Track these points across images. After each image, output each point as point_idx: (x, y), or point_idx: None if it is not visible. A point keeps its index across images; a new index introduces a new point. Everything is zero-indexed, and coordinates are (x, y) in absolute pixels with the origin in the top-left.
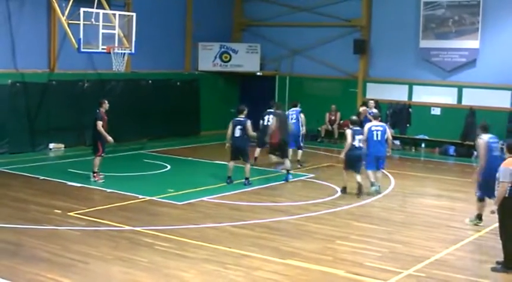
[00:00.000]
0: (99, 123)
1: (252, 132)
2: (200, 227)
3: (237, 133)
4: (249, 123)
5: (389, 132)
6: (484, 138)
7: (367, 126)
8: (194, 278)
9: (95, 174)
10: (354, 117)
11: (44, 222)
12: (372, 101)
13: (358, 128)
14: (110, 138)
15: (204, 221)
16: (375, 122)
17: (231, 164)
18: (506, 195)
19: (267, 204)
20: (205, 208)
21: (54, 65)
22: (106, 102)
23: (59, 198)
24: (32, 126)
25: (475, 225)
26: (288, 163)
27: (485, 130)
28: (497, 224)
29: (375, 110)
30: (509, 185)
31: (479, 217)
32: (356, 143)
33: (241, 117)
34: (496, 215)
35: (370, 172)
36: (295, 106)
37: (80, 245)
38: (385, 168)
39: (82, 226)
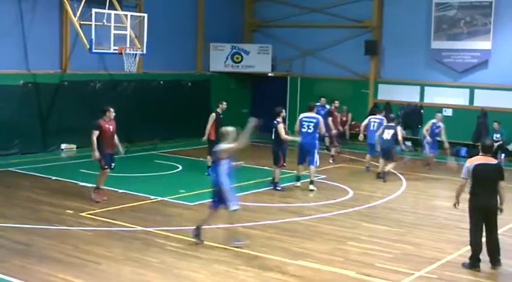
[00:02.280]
0: (94, 133)
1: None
2: (211, 228)
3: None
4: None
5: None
6: None
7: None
8: (205, 279)
9: (97, 191)
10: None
11: (56, 222)
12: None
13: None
14: (96, 154)
15: (215, 221)
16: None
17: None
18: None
19: (278, 205)
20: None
21: (66, 66)
22: (111, 110)
23: (71, 199)
24: (43, 127)
25: None
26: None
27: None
28: (508, 226)
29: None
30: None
31: None
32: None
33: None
34: (502, 216)
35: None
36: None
37: (91, 246)
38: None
39: (94, 226)
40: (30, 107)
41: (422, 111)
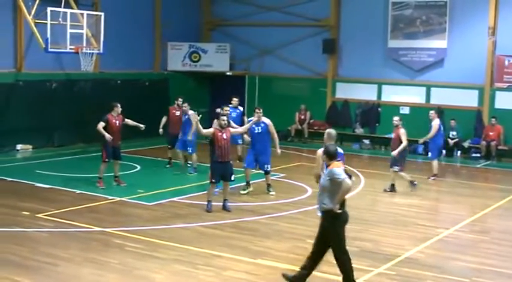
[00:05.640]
0: (100, 124)
1: None
2: (170, 228)
3: None
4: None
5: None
6: None
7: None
8: (165, 279)
9: (99, 180)
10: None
11: (12, 224)
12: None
13: None
14: (107, 136)
15: (175, 221)
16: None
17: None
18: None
19: (237, 204)
20: (175, 208)
21: (21, 65)
22: (118, 105)
23: (27, 200)
24: None
25: None
26: None
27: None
28: (465, 222)
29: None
30: None
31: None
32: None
33: None
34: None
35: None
36: None
37: (49, 247)
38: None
39: (51, 228)
40: None
41: (380, 109)
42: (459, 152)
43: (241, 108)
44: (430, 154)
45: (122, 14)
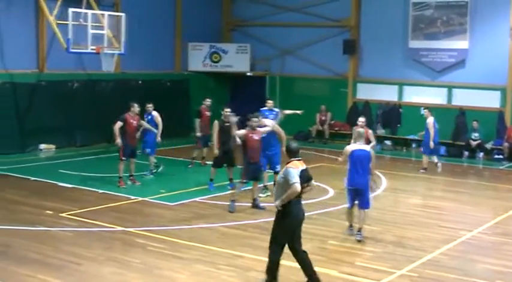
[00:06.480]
0: (117, 124)
1: None
2: (193, 228)
3: None
4: None
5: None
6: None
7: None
8: (187, 279)
9: (120, 180)
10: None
11: (36, 223)
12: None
13: None
14: (118, 141)
15: (197, 221)
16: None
17: None
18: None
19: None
20: (197, 209)
21: (43, 66)
22: (135, 105)
23: (50, 199)
24: (21, 127)
25: None
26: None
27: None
28: (488, 224)
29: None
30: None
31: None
32: None
33: None
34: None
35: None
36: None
37: (71, 246)
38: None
39: (74, 227)
40: (7, 107)
41: (401, 110)
42: (482, 154)
43: (276, 110)
44: (422, 149)
45: (142, 14)
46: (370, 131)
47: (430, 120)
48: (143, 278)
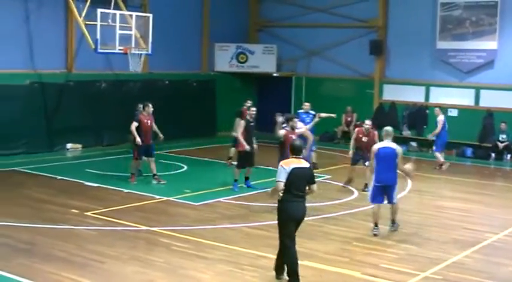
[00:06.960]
0: (133, 124)
1: None
2: (217, 228)
3: None
4: None
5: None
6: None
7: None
8: (210, 279)
9: (131, 176)
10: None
11: (61, 221)
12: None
13: None
14: (138, 139)
15: (221, 221)
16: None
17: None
18: (280, 198)
19: None
20: (221, 209)
21: (72, 66)
22: (150, 105)
23: (76, 198)
24: (49, 127)
25: None
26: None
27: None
28: None
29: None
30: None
31: None
32: None
33: None
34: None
35: None
36: None
37: (96, 245)
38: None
39: (99, 226)
40: (36, 107)
41: (427, 111)
42: (509, 156)
43: (313, 112)
44: (434, 148)
45: (170, 15)
46: (375, 133)
47: (441, 118)
48: (167, 278)
